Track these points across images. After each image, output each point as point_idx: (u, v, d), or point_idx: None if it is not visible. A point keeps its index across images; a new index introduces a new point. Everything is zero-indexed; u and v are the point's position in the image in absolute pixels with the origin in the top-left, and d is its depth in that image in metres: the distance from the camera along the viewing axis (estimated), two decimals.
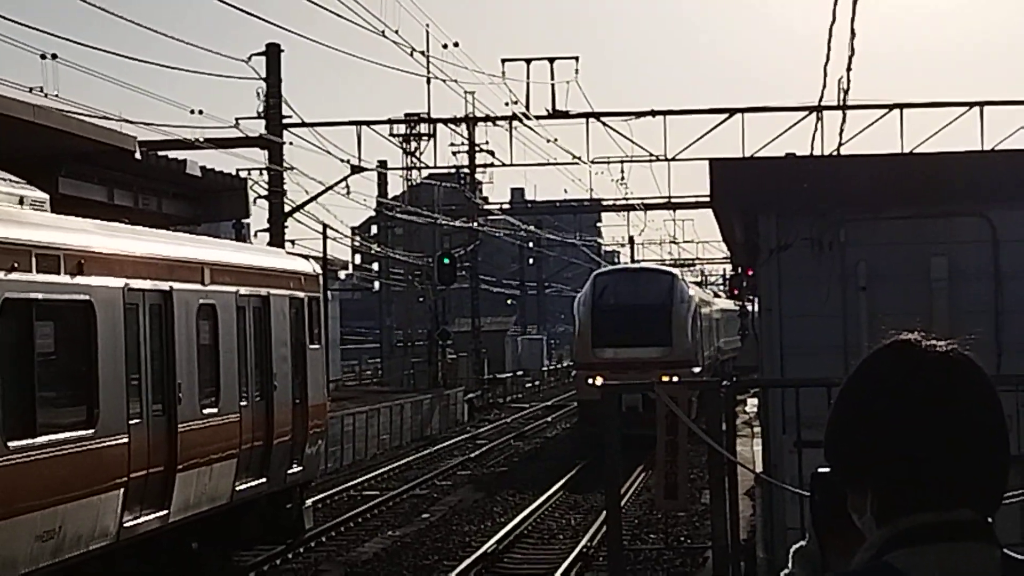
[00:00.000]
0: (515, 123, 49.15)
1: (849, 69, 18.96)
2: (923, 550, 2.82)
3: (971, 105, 42.84)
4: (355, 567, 24.50)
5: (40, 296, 15.32)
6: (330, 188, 44.74)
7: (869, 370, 2.97)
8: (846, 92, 27.18)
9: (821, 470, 3.07)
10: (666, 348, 42.33)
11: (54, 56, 31.08)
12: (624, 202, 75.93)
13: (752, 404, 34.88)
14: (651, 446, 24.56)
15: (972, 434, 2.89)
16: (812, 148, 33.69)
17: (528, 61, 48.53)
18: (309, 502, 25.78)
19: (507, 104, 48.72)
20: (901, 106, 42.87)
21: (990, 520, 2.89)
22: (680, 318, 43.78)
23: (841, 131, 28.58)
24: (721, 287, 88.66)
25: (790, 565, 3.16)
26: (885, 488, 2.90)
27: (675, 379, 33.78)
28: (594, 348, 43.14)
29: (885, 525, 2.90)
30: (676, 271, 50.24)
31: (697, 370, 43.54)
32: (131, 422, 17.26)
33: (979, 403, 2.92)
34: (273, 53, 38.89)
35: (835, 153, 27.86)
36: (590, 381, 40.01)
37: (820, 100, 28.03)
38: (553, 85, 47.71)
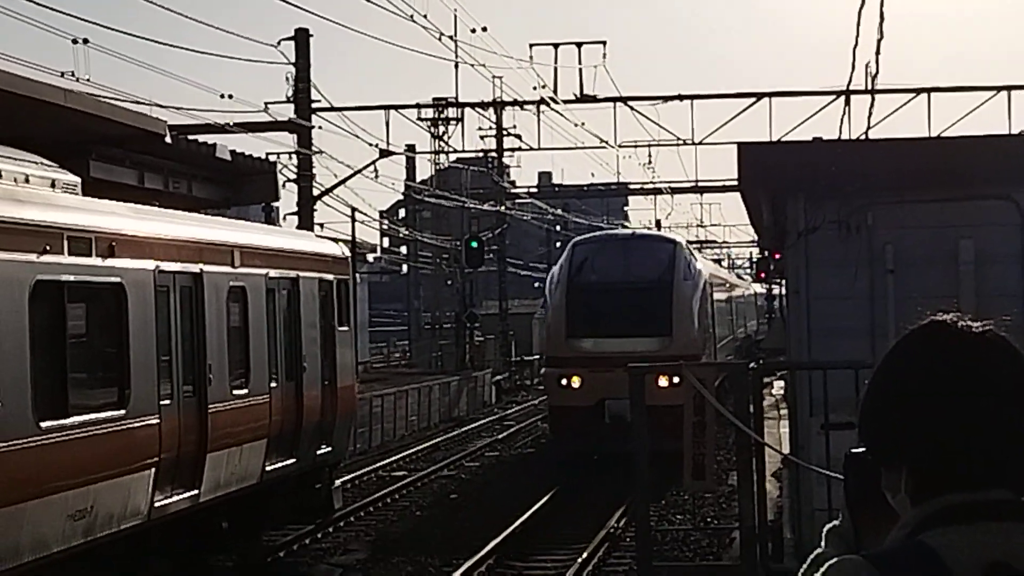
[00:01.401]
0: (543, 107, 48.96)
1: (878, 53, 18.82)
2: (958, 529, 2.79)
3: (999, 89, 42.66)
4: (383, 547, 24.55)
5: (72, 278, 15.35)
6: (359, 172, 44.80)
7: (905, 350, 2.93)
8: (875, 76, 27.06)
9: (855, 450, 3.04)
10: (664, 339, 30.17)
11: (85, 41, 31.18)
12: (651, 186, 75.66)
13: (779, 386, 34.40)
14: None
15: (1008, 414, 2.86)
16: (840, 132, 33.50)
17: (556, 46, 48.44)
18: (338, 482, 25.82)
19: (535, 88, 48.53)
20: (929, 90, 42.70)
21: (1018, 500, 2.87)
22: (683, 299, 31.48)
23: (869, 115, 28.39)
24: (748, 270, 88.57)
25: (823, 544, 3.12)
26: (920, 467, 2.86)
27: (676, 381, 25.11)
28: (569, 339, 31.17)
29: (920, 504, 2.86)
30: (679, 238, 37.26)
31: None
32: (162, 403, 17.31)
33: (1015, 383, 2.89)
34: (302, 38, 38.93)
35: (863, 137, 27.80)
36: (564, 382, 30.33)
37: (848, 84, 27.70)
38: (581, 69, 47.64)
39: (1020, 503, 2.84)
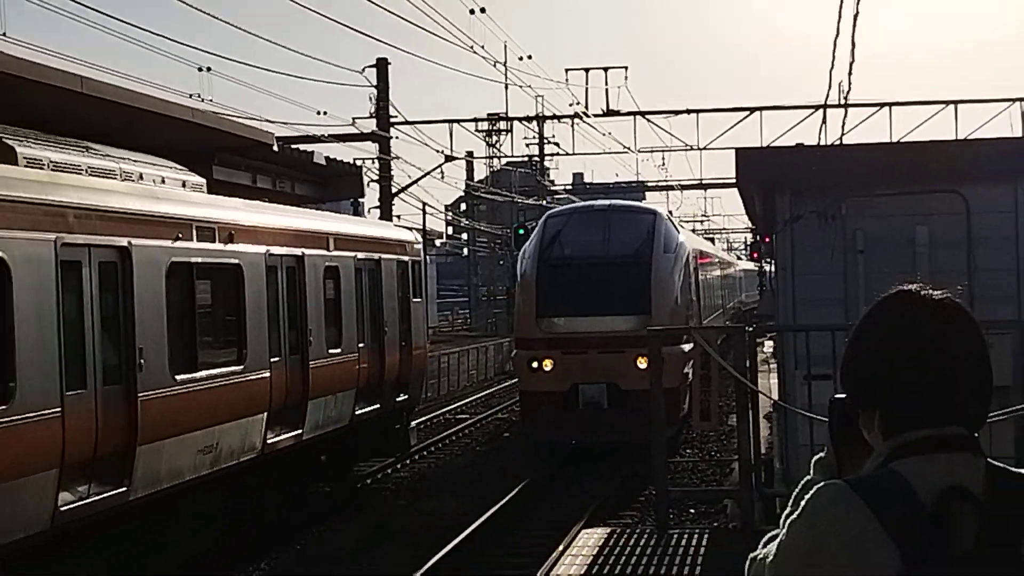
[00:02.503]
0: (576, 120, 48.86)
1: (850, 74, 18.78)
2: (920, 459, 2.80)
3: (948, 103, 42.38)
4: (451, 475, 24.59)
5: (199, 260, 15.44)
6: (428, 173, 44.94)
7: (879, 313, 2.94)
8: (847, 93, 26.96)
9: (837, 396, 3.04)
10: (643, 317, 22.18)
11: (208, 69, 31.28)
12: (665, 184, 75.68)
13: (769, 345, 33.76)
14: (620, 458, 20.28)
15: (962, 365, 2.86)
16: (819, 139, 33.46)
17: (587, 70, 48.26)
18: (413, 424, 25.87)
19: (570, 105, 48.35)
20: (891, 104, 42.42)
21: (976, 435, 2.86)
22: (663, 275, 23.51)
23: (843, 125, 28.53)
24: (744, 252, 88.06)
25: (811, 472, 3.12)
26: (891, 409, 2.87)
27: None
28: (539, 318, 23.26)
29: (890, 439, 2.87)
30: (661, 209, 27.60)
31: (688, 347, 20.00)
32: (272, 360, 17.39)
33: (968, 341, 2.89)
34: (382, 66, 38.91)
35: (838, 142, 27.63)
36: (535, 366, 22.85)
37: (826, 99, 27.83)
38: (607, 89, 47.49)
39: (971, 438, 2.84)
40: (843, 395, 3.02)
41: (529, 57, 49.73)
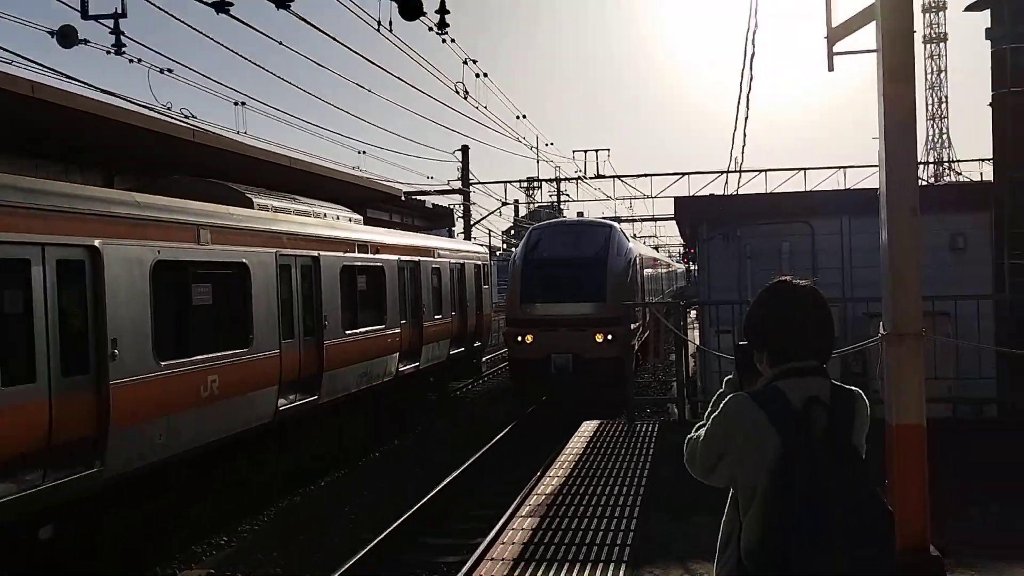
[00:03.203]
0: (579, 181, 48.74)
1: (743, 150, 18.64)
2: (792, 380, 2.82)
3: (799, 169, 41.66)
4: (504, 390, 24.50)
5: (359, 264, 15.49)
6: (491, 213, 44.92)
7: (767, 292, 2.95)
8: (740, 164, 26.68)
9: (741, 343, 3.04)
10: (600, 304, 19.55)
11: (363, 152, 31.19)
12: (631, 218, 75.16)
13: (694, 314, 33.25)
14: (584, 412, 16.49)
15: (815, 323, 2.87)
16: (724, 190, 33.14)
17: (585, 151, 48.13)
18: (484, 359, 25.88)
19: (575, 171, 48.60)
20: (767, 170, 41.89)
21: (824, 365, 2.86)
22: (616, 271, 20.49)
23: (738, 182, 28.21)
24: (679, 258, 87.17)
25: (723, 387, 3.11)
26: (773, 350, 2.88)
27: (609, 337, 18.51)
28: (523, 303, 20.08)
29: (772, 368, 2.87)
30: (616, 225, 23.46)
31: (635, 325, 19.58)
32: (401, 322, 17.44)
33: (819, 308, 2.90)
34: (464, 150, 38.76)
35: (736, 192, 27.37)
36: (519, 339, 19.96)
37: (728, 167, 27.48)
38: (597, 162, 47.59)
39: (822, 367, 2.86)
40: (744, 342, 3.03)
41: (551, 144, 49.99)
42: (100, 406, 8.41)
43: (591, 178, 47.72)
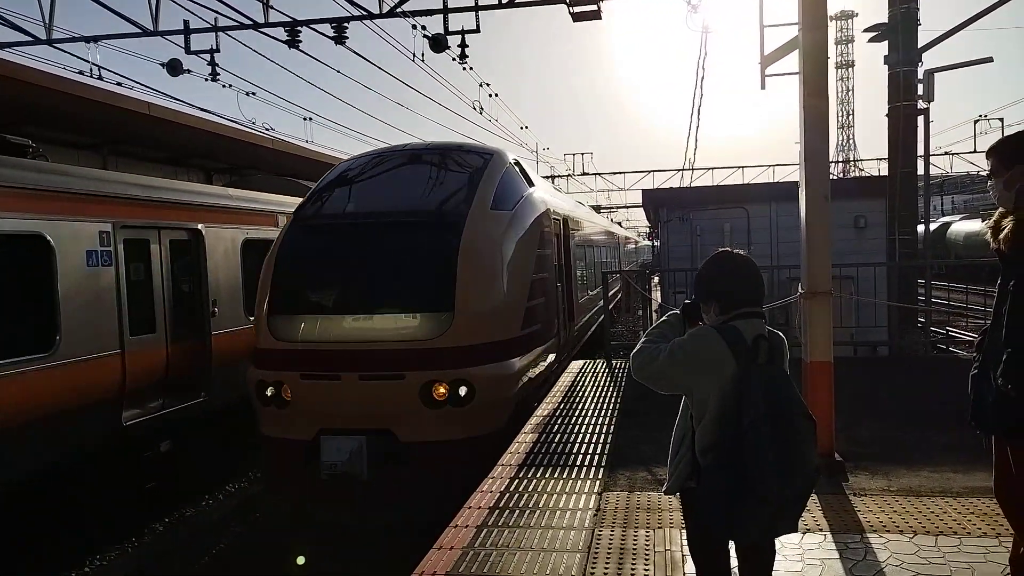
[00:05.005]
0: (569, 177, 48.67)
1: (695, 152, 18.48)
2: (744, 320, 2.91)
3: (738, 168, 41.31)
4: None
5: None
6: None
7: (713, 259, 2.98)
8: (692, 163, 26.55)
9: (687, 301, 3.05)
10: (440, 316, 3.74)
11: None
12: (609, 206, 75.06)
13: (656, 280, 32.91)
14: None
15: (755, 281, 2.90)
16: (680, 182, 33.00)
17: (575, 154, 48.33)
18: None
19: (566, 169, 48.27)
20: (713, 168, 41.61)
21: (762, 311, 2.87)
22: (489, 243, 3.96)
23: (691, 177, 28.00)
24: (645, 235, 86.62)
25: (666, 317, 3.10)
26: (725, 301, 2.90)
27: (462, 392, 4.55)
28: (272, 318, 3.85)
29: (724, 314, 2.90)
30: (509, 154, 5.19)
31: (524, 361, 4.15)
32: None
33: (754, 271, 2.92)
34: None
35: (690, 185, 27.16)
36: (269, 392, 4.17)
37: (683, 164, 27.31)
38: (583, 162, 48.69)
39: (762, 312, 2.89)
40: (689, 301, 3.05)
41: (548, 148, 49.95)
42: (205, 351, 8.37)
43: (579, 175, 47.58)
